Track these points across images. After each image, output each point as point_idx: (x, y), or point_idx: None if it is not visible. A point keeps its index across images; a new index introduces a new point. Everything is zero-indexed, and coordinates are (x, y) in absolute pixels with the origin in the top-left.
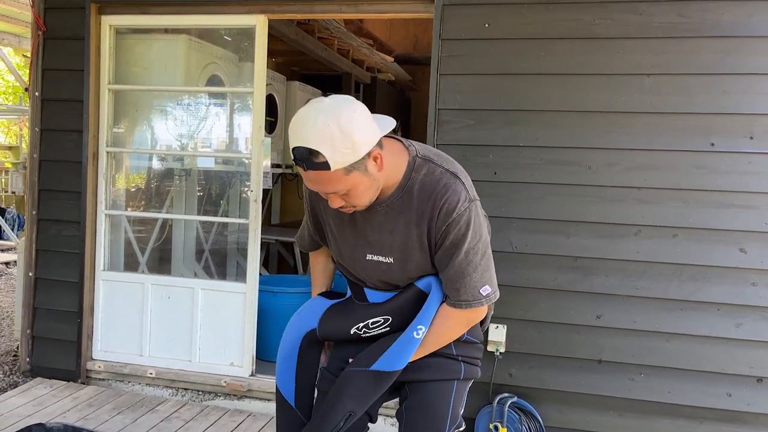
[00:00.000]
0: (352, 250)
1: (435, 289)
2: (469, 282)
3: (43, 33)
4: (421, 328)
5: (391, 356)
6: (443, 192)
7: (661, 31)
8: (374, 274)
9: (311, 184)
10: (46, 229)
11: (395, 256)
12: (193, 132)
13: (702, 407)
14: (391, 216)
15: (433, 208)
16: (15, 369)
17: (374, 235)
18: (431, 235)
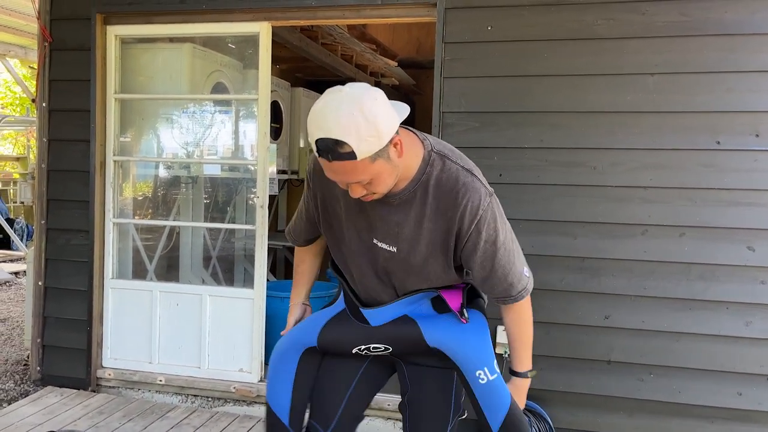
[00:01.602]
0: (357, 234)
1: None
2: (516, 272)
3: (50, 44)
4: (480, 372)
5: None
6: (464, 191)
7: (663, 30)
8: (374, 263)
9: (335, 175)
10: (54, 239)
11: (401, 247)
12: (199, 139)
13: (712, 407)
14: (402, 209)
15: (454, 207)
16: (26, 378)
17: (381, 223)
18: (458, 235)
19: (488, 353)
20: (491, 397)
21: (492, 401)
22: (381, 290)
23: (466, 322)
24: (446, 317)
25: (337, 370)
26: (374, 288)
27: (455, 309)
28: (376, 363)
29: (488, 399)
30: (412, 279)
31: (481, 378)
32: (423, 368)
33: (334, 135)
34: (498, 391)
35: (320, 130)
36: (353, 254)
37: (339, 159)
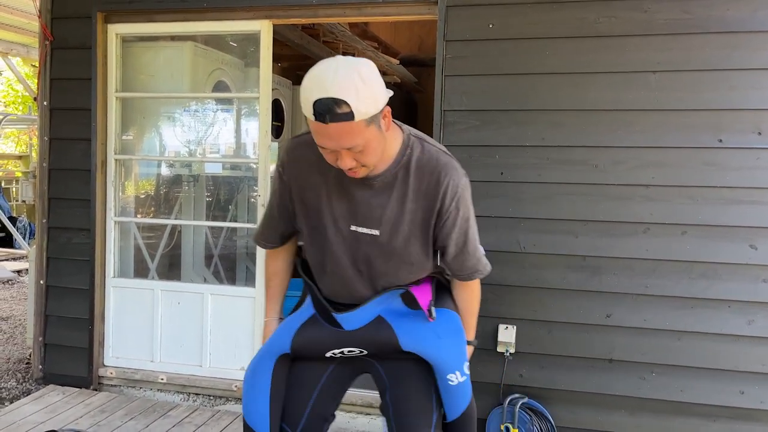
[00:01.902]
0: (334, 223)
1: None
2: (480, 247)
3: (51, 42)
4: (451, 376)
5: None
6: (445, 171)
7: (666, 27)
8: (353, 251)
9: (329, 140)
10: (56, 237)
11: (383, 229)
12: (201, 138)
13: (715, 405)
14: (385, 191)
15: (437, 186)
16: (28, 376)
17: (363, 207)
18: (439, 212)
19: (462, 356)
20: (456, 397)
21: (456, 400)
22: (356, 282)
23: (432, 320)
24: (419, 320)
25: (305, 372)
26: (350, 280)
27: (424, 307)
28: (344, 364)
29: (453, 398)
30: (392, 264)
31: (452, 381)
32: (400, 362)
33: (333, 94)
34: (464, 391)
35: (319, 90)
36: (331, 244)
37: (337, 120)
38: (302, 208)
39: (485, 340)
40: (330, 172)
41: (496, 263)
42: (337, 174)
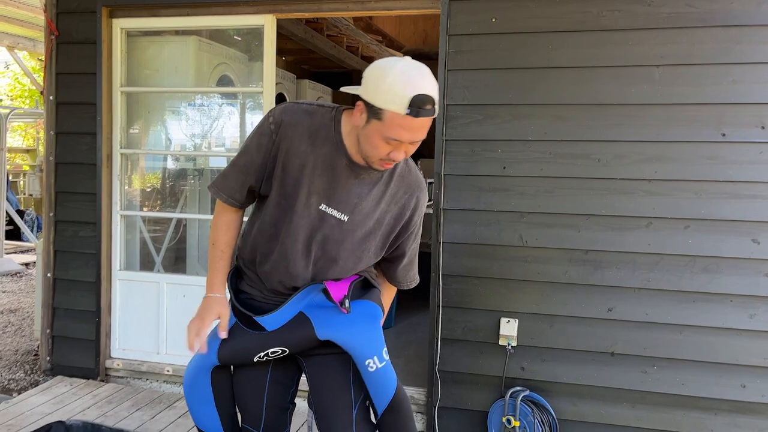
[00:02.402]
0: (307, 197)
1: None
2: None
3: (56, 37)
4: (369, 361)
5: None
6: (421, 189)
7: (669, 21)
8: (313, 229)
9: (409, 133)
10: (63, 231)
11: (353, 218)
12: (206, 132)
13: (716, 399)
14: (367, 185)
15: (410, 199)
16: (36, 368)
17: (342, 191)
18: (406, 223)
19: (378, 342)
20: (379, 384)
21: (379, 387)
22: (300, 262)
23: (346, 312)
24: (337, 311)
25: (249, 373)
26: (295, 258)
27: (337, 300)
28: (281, 362)
29: (376, 385)
30: (346, 252)
31: (370, 366)
32: (321, 357)
33: (428, 92)
34: (385, 377)
35: (413, 87)
36: (294, 216)
37: (424, 115)
38: (281, 173)
39: (487, 332)
40: (323, 147)
41: (498, 257)
42: (330, 152)
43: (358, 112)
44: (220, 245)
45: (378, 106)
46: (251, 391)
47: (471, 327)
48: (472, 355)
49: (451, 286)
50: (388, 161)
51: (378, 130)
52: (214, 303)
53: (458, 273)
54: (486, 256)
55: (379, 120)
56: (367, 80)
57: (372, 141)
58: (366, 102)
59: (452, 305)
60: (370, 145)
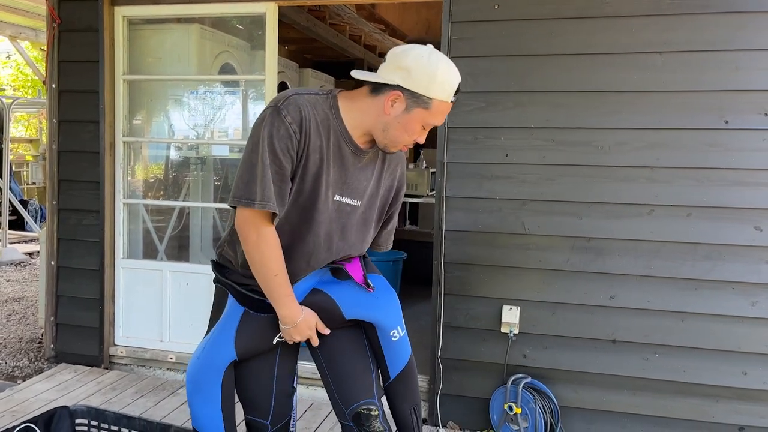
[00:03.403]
0: (326, 191)
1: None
2: None
3: (58, 25)
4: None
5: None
6: (403, 157)
7: (672, 8)
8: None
9: (443, 118)
10: (66, 219)
11: (364, 201)
12: (208, 121)
13: (717, 386)
14: (369, 164)
15: (396, 168)
16: (40, 356)
17: (352, 178)
18: (396, 191)
19: (399, 313)
20: (398, 352)
21: (397, 354)
22: (321, 255)
23: (372, 290)
24: (353, 287)
25: (257, 366)
26: (315, 253)
27: (359, 281)
28: (286, 347)
29: (395, 353)
30: (361, 235)
31: (394, 336)
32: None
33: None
34: (404, 345)
35: (456, 76)
36: (315, 213)
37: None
38: (303, 171)
39: (489, 320)
40: (330, 137)
41: (500, 245)
42: (336, 141)
43: (390, 102)
44: (283, 272)
45: (429, 95)
46: (260, 383)
47: (473, 314)
48: (474, 343)
49: (454, 273)
50: (410, 144)
51: (421, 117)
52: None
53: (460, 261)
54: (488, 243)
55: (426, 108)
56: (411, 71)
57: (410, 127)
58: (411, 92)
59: (454, 293)
60: (406, 132)
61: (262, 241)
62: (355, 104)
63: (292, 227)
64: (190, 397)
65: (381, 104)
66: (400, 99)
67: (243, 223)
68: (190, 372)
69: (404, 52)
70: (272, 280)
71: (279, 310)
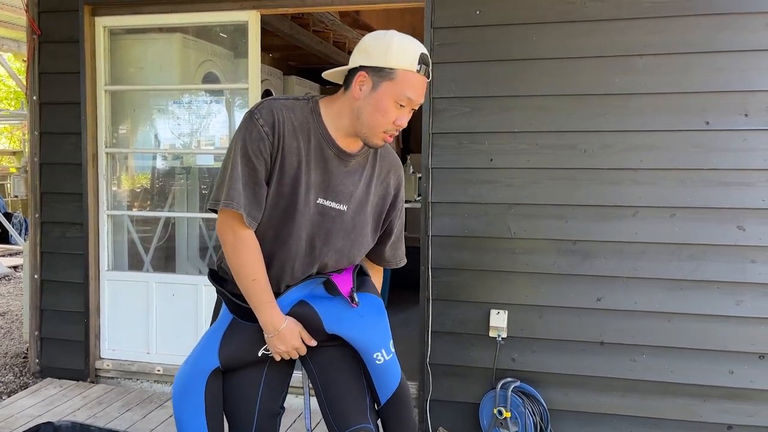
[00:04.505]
0: (306, 193)
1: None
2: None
3: (39, 37)
4: (377, 354)
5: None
6: (398, 164)
7: (652, 10)
8: (315, 225)
9: (419, 94)
10: (49, 232)
11: (351, 206)
12: (192, 130)
13: (705, 385)
14: (357, 169)
15: (392, 176)
16: (25, 370)
17: (337, 181)
18: (393, 200)
19: (386, 334)
20: (385, 376)
21: (385, 379)
22: (303, 259)
23: (356, 306)
24: (341, 303)
25: (242, 378)
26: (297, 256)
27: (345, 294)
28: (275, 363)
29: (382, 377)
30: (349, 242)
31: (378, 359)
32: (326, 349)
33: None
34: (391, 370)
35: (419, 46)
36: (295, 215)
37: (427, 75)
38: (279, 174)
39: (477, 325)
40: (311, 140)
41: (487, 249)
42: (318, 144)
43: (358, 85)
44: (262, 277)
45: (390, 66)
46: (244, 397)
47: (461, 319)
48: (462, 348)
49: (441, 279)
50: (392, 131)
51: (390, 92)
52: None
53: (447, 266)
54: (475, 248)
55: (392, 80)
56: (369, 49)
57: (382, 105)
58: (372, 68)
59: (442, 298)
60: (379, 113)
61: (239, 242)
62: (335, 105)
63: (275, 231)
64: (175, 403)
65: (352, 93)
66: (365, 79)
67: (220, 225)
68: (177, 377)
69: (363, 38)
70: (251, 285)
71: (259, 317)
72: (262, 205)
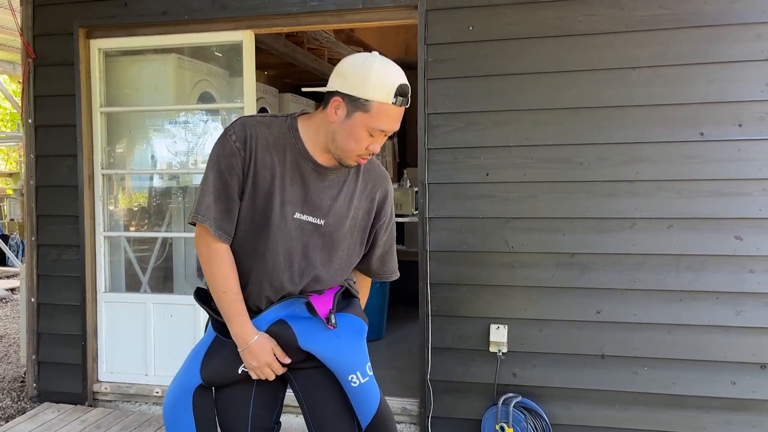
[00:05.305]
0: (282, 207)
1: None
2: (395, 254)
3: (33, 60)
4: (352, 377)
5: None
6: (386, 178)
7: (644, 24)
8: (291, 240)
9: (393, 123)
10: (45, 254)
11: (329, 221)
12: (189, 149)
13: (707, 396)
14: (336, 183)
15: (378, 190)
16: (23, 395)
17: (314, 196)
18: (377, 214)
19: (361, 357)
20: (362, 399)
21: (363, 403)
22: (282, 275)
23: (333, 328)
24: (320, 323)
25: (233, 392)
26: (276, 273)
27: (322, 315)
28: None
29: (359, 400)
30: (330, 257)
31: (354, 381)
32: (310, 371)
33: (406, 83)
34: (368, 393)
35: (398, 76)
36: (270, 229)
37: (405, 104)
38: (252, 188)
39: (477, 340)
40: (286, 156)
41: (485, 264)
42: (294, 159)
43: (333, 109)
44: (232, 290)
45: (366, 98)
46: (235, 414)
47: (461, 335)
48: (463, 364)
49: (440, 294)
50: (365, 155)
51: (363, 122)
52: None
53: (446, 281)
54: (473, 263)
55: (366, 112)
56: (347, 75)
57: (355, 134)
58: (348, 96)
59: (441, 314)
60: (352, 139)
61: (212, 255)
62: (313, 122)
63: (252, 245)
64: (166, 421)
65: (328, 116)
66: (340, 104)
67: (196, 239)
68: (166, 395)
69: (344, 59)
70: (222, 297)
71: (231, 330)
72: (234, 219)
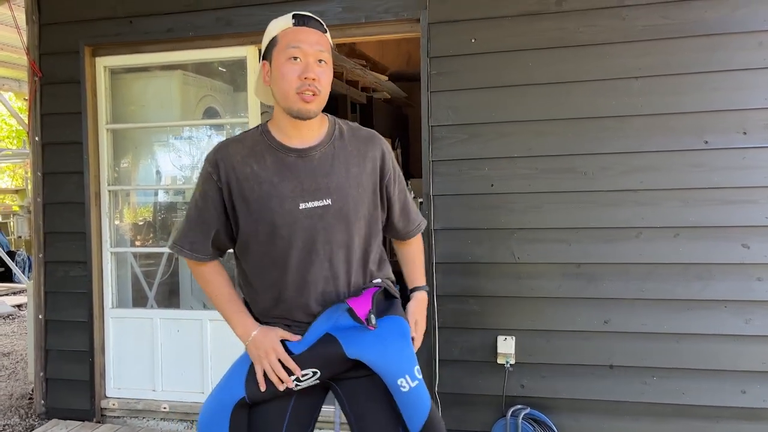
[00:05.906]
0: (281, 205)
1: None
2: (413, 204)
3: (40, 78)
4: (401, 381)
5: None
6: (377, 137)
7: (646, 33)
8: (307, 231)
9: (308, 42)
10: (53, 271)
11: (333, 198)
12: (194, 164)
13: (717, 406)
14: (326, 160)
15: (374, 149)
16: (31, 412)
17: (308, 181)
18: (381, 171)
19: (410, 360)
20: (412, 405)
21: (412, 409)
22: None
23: (373, 329)
24: (365, 330)
25: (268, 411)
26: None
27: (362, 317)
28: (304, 395)
29: (409, 406)
30: (350, 232)
31: (403, 386)
32: (356, 381)
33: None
34: (418, 397)
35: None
36: (280, 229)
37: (314, 26)
38: (244, 204)
39: (485, 352)
40: (266, 159)
41: (492, 275)
42: (275, 158)
43: (265, 75)
44: (224, 293)
45: (271, 37)
46: (269, 429)
47: (468, 347)
48: (471, 376)
49: (447, 306)
50: (306, 87)
51: (279, 56)
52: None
53: (453, 293)
54: (479, 274)
55: (276, 46)
56: (262, 45)
57: (283, 71)
58: (264, 52)
59: (449, 326)
60: (284, 79)
61: (198, 275)
62: (275, 115)
63: (267, 255)
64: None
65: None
66: (264, 64)
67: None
68: (201, 412)
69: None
70: (217, 302)
71: (233, 329)
72: (209, 240)
